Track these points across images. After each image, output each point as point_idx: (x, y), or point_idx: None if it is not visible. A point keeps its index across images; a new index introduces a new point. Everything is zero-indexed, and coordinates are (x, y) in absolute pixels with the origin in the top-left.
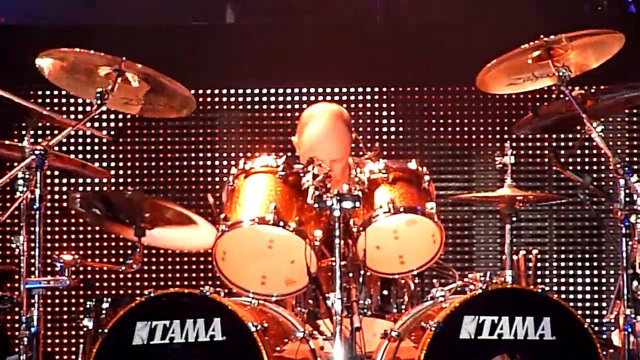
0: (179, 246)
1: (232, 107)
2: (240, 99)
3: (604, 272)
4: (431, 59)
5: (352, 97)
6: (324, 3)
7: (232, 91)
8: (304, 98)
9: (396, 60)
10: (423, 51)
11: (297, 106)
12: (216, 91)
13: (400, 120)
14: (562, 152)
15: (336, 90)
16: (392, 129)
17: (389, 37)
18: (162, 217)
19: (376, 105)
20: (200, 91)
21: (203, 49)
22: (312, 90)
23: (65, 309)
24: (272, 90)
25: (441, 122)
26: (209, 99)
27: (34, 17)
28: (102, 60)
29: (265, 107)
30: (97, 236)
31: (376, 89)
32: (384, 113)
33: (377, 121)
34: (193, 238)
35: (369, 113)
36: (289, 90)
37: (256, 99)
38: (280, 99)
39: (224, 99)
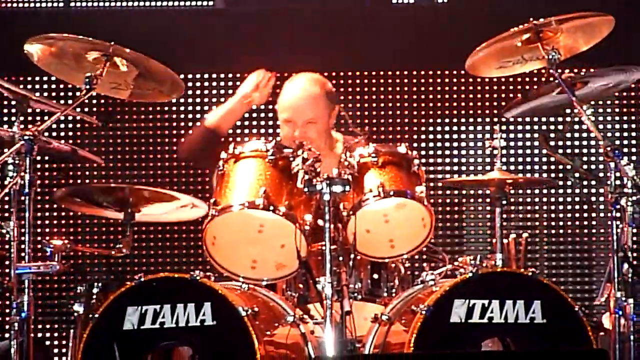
0: (168, 219)
1: (222, 91)
2: (230, 83)
3: (594, 255)
4: (420, 43)
5: (342, 81)
6: None
7: (222, 75)
8: None
9: (385, 44)
10: (412, 34)
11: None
12: (205, 76)
13: (390, 104)
14: (552, 135)
15: (325, 74)
16: (382, 112)
17: (378, 21)
18: (144, 199)
19: (365, 89)
20: (190, 76)
21: (192, 33)
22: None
23: (55, 294)
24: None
25: (431, 106)
26: (197, 84)
27: (22, 1)
28: (90, 45)
29: None
30: (87, 221)
31: (365, 73)
32: (374, 97)
33: (366, 105)
34: (179, 211)
35: (358, 97)
36: (278, 75)
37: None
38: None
39: (213, 84)
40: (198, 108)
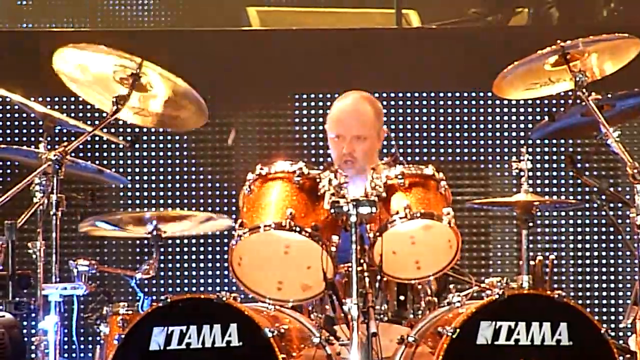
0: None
1: (248, 111)
2: (256, 103)
3: (620, 277)
4: (447, 64)
5: None
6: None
7: (248, 96)
8: (320, 103)
9: (412, 65)
10: (439, 56)
11: (312, 111)
12: (232, 97)
13: (417, 126)
14: (579, 157)
15: None
16: (409, 134)
17: (404, 43)
18: (170, 219)
19: (392, 110)
20: (215, 97)
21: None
22: (329, 95)
23: (82, 314)
24: (289, 96)
25: (457, 128)
26: (224, 104)
27: (50, 21)
28: (119, 59)
29: (281, 112)
30: (114, 242)
31: (392, 94)
32: (400, 118)
33: (392, 126)
34: (201, 225)
35: (385, 119)
36: (304, 96)
37: (272, 103)
38: (297, 104)
39: (240, 104)
40: (225, 129)
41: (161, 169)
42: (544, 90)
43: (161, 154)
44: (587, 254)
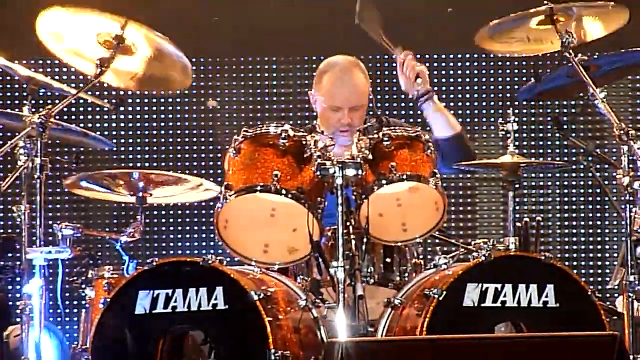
0: (178, 201)
1: (234, 75)
2: (242, 67)
3: (607, 238)
4: (431, 24)
5: None
6: None
7: (234, 59)
8: (306, 66)
9: (395, 26)
10: (422, 16)
11: (298, 74)
12: (217, 59)
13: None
14: (565, 118)
15: None
16: (394, 96)
17: (388, 3)
18: (154, 182)
19: (378, 72)
20: (202, 59)
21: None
22: (314, 57)
23: (67, 278)
24: (274, 58)
25: (443, 90)
26: (210, 67)
27: None
28: (103, 21)
29: (266, 75)
30: (99, 205)
31: (377, 56)
32: (386, 80)
33: (379, 88)
34: (189, 193)
35: (370, 81)
36: (290, 58)
37: (257, 66)
38: (282, 66)
39: (225, 67)
40: (211, 91)
41: (146, 132)
42: (528, 47)
43: (146, 116)
44: (574, 215)
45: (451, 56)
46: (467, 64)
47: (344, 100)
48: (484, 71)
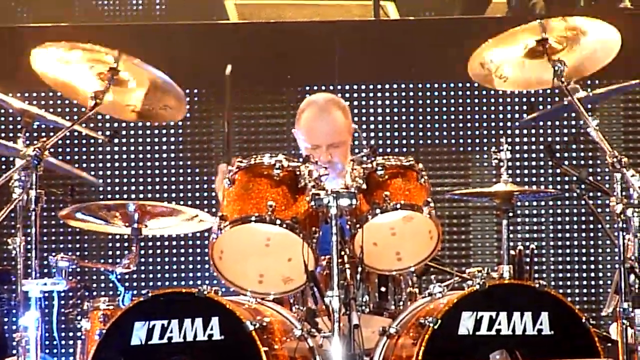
0: (174, 232)
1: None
2: (235, 96)
3: (600, 266)
4: (425, 55)
5: (347, 95)
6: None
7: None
8: (299, 96)
9: (390, 56)
10: (418, 46)
11: (292, 104)
12: (212, 90)
13: (395, 117)
14: (558, 146)
15: (331, 87)
16: (387, 125)
17: (383, 34)
18: (149, 213)
19: (371, 102)
20: (196, 90)
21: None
22: (307, 87)
23: (62, 310)
24: (268, 89)
25: (436, 118)
26: (204, 99)
27: (29, 17)
28: (97, 54)
29: (260, 105)
30: (94, 237)
31: (371, 86)
32: (379, 110)
33: (372, 118)
34: (184, 224)
35: (364, 110)
36: (284, 89)
37: (251, 97)
38: (276, 97)
39: (219, 98)
40: (205, 122)
41: (141, 163)
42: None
43: (140, 147)
44: (567, 243)
45: (444, 85)
46: (460, 93)
47: (322, 138)
48: (476, 100)
